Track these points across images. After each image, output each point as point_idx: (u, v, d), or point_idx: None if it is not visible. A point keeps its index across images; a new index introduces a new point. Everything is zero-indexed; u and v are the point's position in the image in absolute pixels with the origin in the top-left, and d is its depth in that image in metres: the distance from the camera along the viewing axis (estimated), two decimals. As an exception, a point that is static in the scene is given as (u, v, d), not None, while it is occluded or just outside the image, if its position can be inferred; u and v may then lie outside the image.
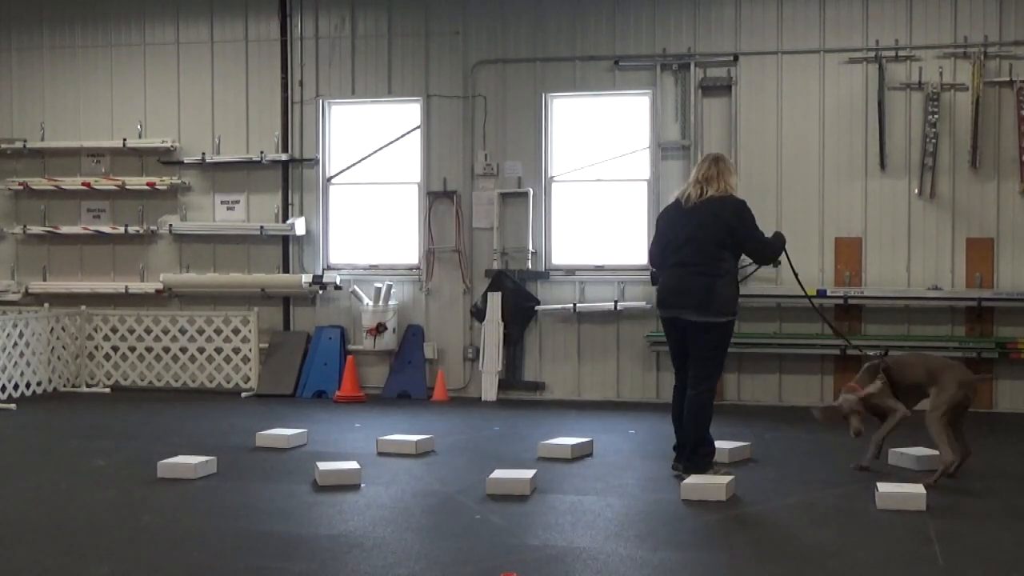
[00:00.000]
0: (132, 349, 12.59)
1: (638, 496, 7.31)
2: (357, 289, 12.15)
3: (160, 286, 12.63)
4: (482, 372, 11.87)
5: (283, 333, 12.53)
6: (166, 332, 12.51)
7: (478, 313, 12.06)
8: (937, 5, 11.18)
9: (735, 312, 7.70)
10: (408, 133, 12.36)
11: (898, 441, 8.64)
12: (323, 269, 12.44)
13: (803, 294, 9.09)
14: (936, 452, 8.13)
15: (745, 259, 8.00)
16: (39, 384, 11.99)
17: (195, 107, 12.76)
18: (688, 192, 7.74)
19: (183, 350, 12.47)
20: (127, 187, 12.74)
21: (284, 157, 12.44)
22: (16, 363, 11.65)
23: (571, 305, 11.80)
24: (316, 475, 7.64)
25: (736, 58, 11.55)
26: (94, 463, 8.37)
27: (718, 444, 8.11)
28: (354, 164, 12.48)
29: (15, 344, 11.62)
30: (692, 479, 7.26)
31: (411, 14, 12.29)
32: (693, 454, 7.63)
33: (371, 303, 11.98)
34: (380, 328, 11.98)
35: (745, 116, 11.55)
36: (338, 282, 12.29)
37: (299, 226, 12.38)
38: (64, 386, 12.40)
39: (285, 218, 12.47)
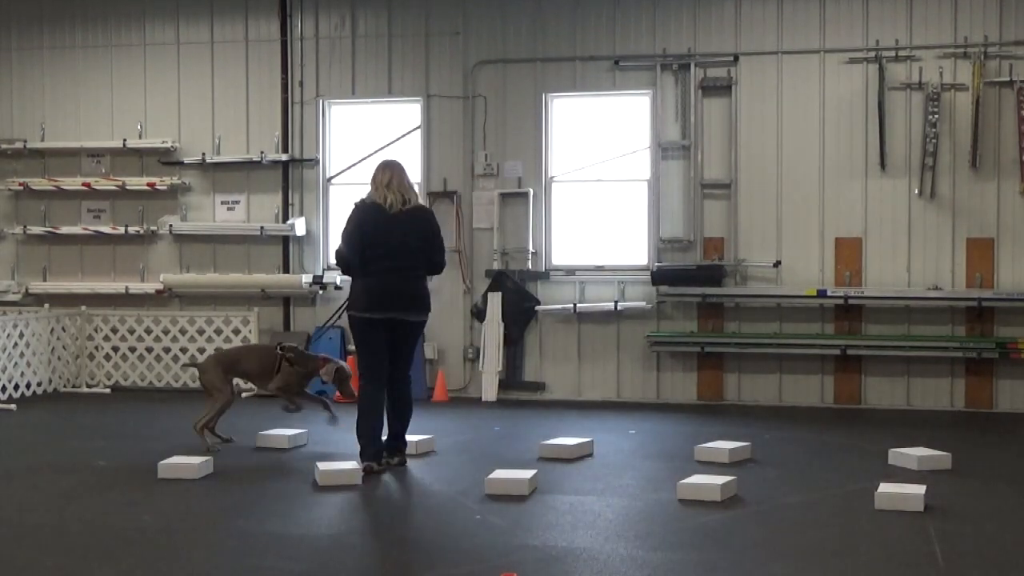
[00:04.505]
0: (132, 349, 12.59)
1: (638, 496, 7.31)
2: (357, 289, 12.13)
3: (160, 286, 12.63)
4: (482, 372, 11.86)
5: (283, 333, 12.52)
6: (166, 332, 12.51)
7: (478, 313, 12.06)
8: (937, 5, 11.17)
9: None
10: (408, 133, 12.36)
11: (898, 441, 8.66)
12: (323, 269, 12.44)
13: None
14: (934, 452, 8.15)
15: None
16: (39, 384, 11.98)
17: (195, 107, 12.75)
18: (389, 199, 8.06)
19: (183, 350, 12.46)
20: (127, 187, 12.73)
21: (284, 157, 12.44)
22: (16, 363, 11.64)
23: (571, 305, 11.79)
24: (316, 475, 7.64)
25: (736, 58, 11.55)
26: (94, 463, 8.37)
27: (719, 444, 8.59)
28: (354, 164, 12.47)
29: (15, 344, 11.62)
30: (693, 479, 7.27)
31: (411, 14, 12.29)
32: (402, 442, 8.27)
33: (371, 303, 11.96)
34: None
35: (745, 116, 11.54)
36: (338, 282, 12.28)
37: (299, 226, 12.38)
38: (64, 386, 12.39)
39: (285, 218, 12.47)
